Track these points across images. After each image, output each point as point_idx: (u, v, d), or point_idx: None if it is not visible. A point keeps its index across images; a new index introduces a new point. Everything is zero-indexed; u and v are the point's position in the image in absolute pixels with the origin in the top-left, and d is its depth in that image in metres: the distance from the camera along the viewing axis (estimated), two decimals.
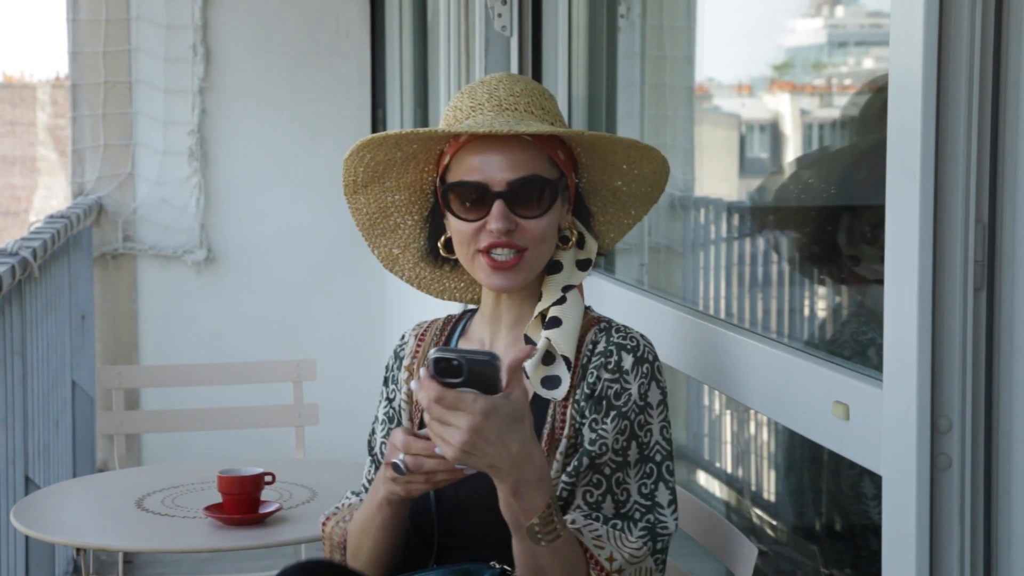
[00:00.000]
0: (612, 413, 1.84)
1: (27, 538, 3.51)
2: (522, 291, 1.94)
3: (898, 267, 1.58)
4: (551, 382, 1.88)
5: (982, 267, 1.53)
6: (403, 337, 2.10)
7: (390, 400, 2.05)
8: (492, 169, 1.87)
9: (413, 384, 1.62)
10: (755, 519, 3.52)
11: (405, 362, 2.05)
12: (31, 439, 3.83)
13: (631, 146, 1.96)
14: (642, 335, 1.92)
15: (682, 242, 3.38)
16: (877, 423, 1.67)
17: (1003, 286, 1.53)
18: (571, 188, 1.96)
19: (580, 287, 1.98)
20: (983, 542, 1.56)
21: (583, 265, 1.98)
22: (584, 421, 1.85)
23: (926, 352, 1.54)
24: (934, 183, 1.53)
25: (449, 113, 1.95)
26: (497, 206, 1.86)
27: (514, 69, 3.35)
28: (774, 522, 3.41)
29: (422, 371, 1.60)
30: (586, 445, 1.83)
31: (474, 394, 1.58)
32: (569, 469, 1.83)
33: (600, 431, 1.83)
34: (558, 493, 1.82)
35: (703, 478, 3.86)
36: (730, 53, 3.30)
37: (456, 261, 1.98)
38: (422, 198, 2.02)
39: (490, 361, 1.60)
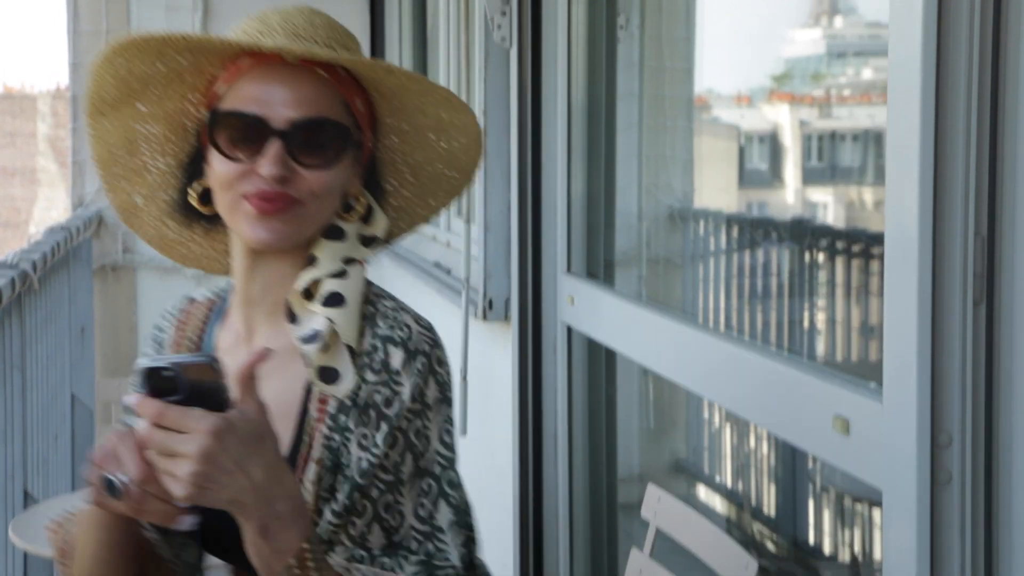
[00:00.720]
0: (383, 424, 1.51)
1: (25, 553, 3.50)
2: (287, 261, 1.59)
3: (897, 280, 1.57)
4: (330, 375, 1.52)
5: (981, 280, 1.53)
6: (162, 318, 1.76)
7: None
8: (274, 103, 1.53)
9: (126, 400, 1.31)
10: (755, 533, 3.51)
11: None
12: (30, 453, 3.82)
13: (444, 99, 1.64)
14: (417, 318, 1.57)
15: (681, 254, 3.37)
16: (877, 437, 1.66)
17: (1003, 299, 1.52)
18: (365, 151, 1.63)
19: (364, 266, 1.63)
20: (984, 557, 1.55)
21: (368, 241, 1.63)
22: (349, 437, 1.51)
23: (926, 366, 1.54)
24: (933, 196, 1.52)
25: (234, 37, 1.60)
26: (273, 146, 1.52)
27: (514, 80, 3.34)
28: (774, 536, 3.40)
29: (126, 399, 1.31)
30: (354, 472, 1.51)
31: (201, 412, 1.28)
32: (338, 508, 1.50)
33: (372, 450, 1.50)
34: (319, 535, 1.49)
35: (703, 492, 3.84)
36: (729, 64, 3.30)
37: (209, 223, 1.66)
38: (182, 137, 1.66)
39: (210, 365, 1.31)
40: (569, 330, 3.14)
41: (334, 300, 1.54)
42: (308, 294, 1.56)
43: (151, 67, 1.58)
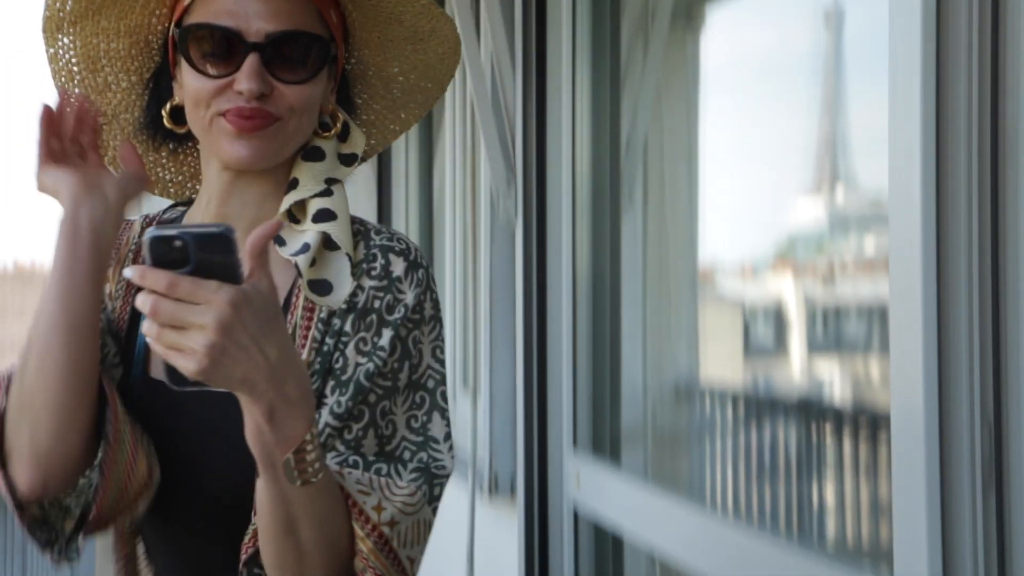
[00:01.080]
0: (385, 330, 1.49)
1: None
2: (266, 180, 1.55)
3: (905, 466, 1.55)
4: (322, 287, 1.49)
5: (990, 465, 1.49)
6: None
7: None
8: (249, 15, 1.47)
9: (127, 272, 1.22)
10: None
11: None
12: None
13: (423, 7, 1.59)
14: (407, 237, 1.57)
15: (687, 430, 3.34)
16: None
17: (1012, 485, 1.49)
18: (339, 65, 1.60)
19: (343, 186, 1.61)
20: None
21: (347, 160, 1.60)
22: (345, 341, 1.49)
23: (936, 554, 1.50)
24: (938, 382, 1.50)
25: None
26: (250, 61, 1.47)
27: (519, 254, 3.36)
28: None
29: (128, 271, 1.21)
30: (358, 376, 1.48)
31: (216, 283, 1.20)
32: (340, 411, 1.46)
33: (374, 354, 1.48)
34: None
35: None
36: (732, 236, 3.31)
37: (179, 141, 1.63)
38: (146, 53, 1.60)
39: (224, 235, 1.22)
40: (576, 511, 3.09)
41: (324, 216, 1.51)
42: (292, 217, 1.53)
43: None
